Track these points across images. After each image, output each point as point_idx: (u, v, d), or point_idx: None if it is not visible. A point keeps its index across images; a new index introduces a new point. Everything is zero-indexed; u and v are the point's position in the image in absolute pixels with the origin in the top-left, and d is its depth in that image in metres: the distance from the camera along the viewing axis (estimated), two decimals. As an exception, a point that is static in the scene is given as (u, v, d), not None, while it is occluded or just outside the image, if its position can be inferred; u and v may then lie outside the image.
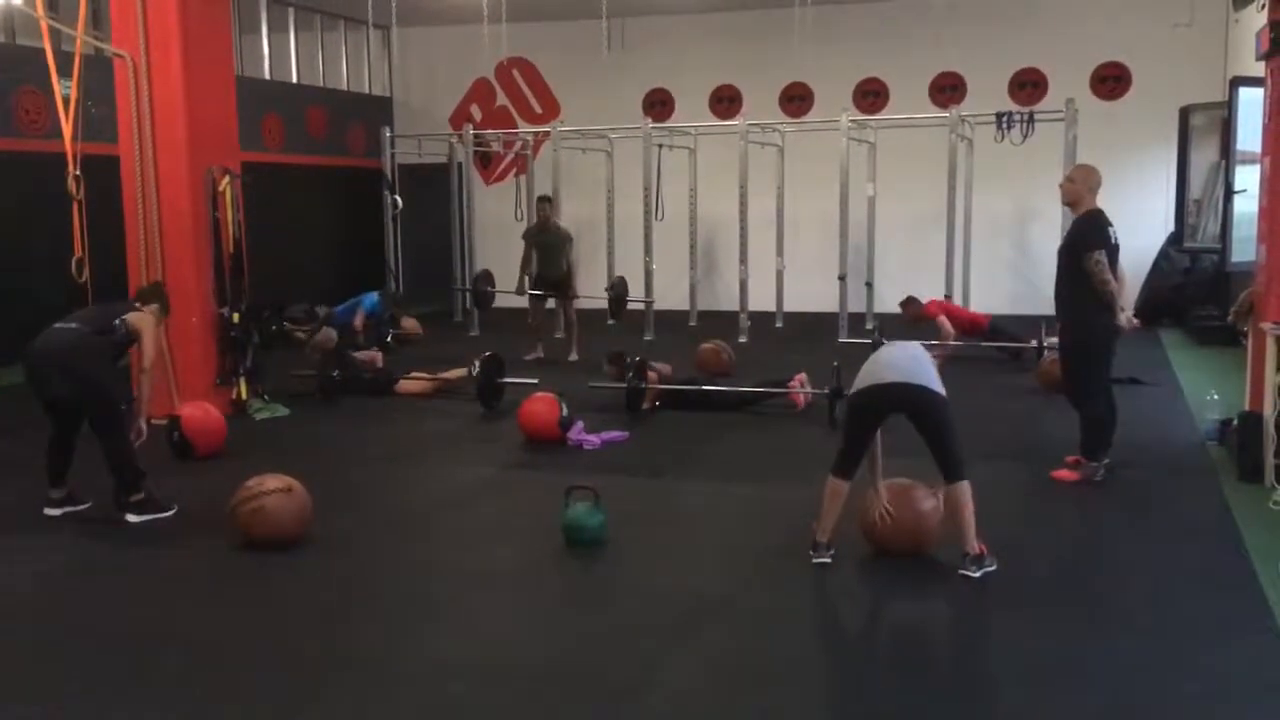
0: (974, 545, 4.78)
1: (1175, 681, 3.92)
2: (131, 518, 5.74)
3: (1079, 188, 6.23)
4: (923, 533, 4.96)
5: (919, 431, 4.88)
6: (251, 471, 5.51)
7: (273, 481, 5.35)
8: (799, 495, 5.85)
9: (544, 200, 11.34)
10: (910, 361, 4.90)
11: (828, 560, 4.93)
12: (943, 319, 10.19)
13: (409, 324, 12.70)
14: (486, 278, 12.36)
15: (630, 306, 12.52)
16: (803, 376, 8.43)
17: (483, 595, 4.84)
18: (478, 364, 8.57)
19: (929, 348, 5.28)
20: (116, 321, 5.88)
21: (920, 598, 4.71)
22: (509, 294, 11.62)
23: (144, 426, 5.92)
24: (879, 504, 4.95)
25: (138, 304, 6.21)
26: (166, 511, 5.82)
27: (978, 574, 4.74)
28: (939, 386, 4.85)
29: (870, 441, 4.95)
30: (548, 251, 10.99)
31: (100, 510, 5.88)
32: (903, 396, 4.81)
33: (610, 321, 12.45)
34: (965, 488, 4.80)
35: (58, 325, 5.89)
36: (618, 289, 12.14)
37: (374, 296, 11.99)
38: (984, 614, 4.59)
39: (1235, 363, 8.51)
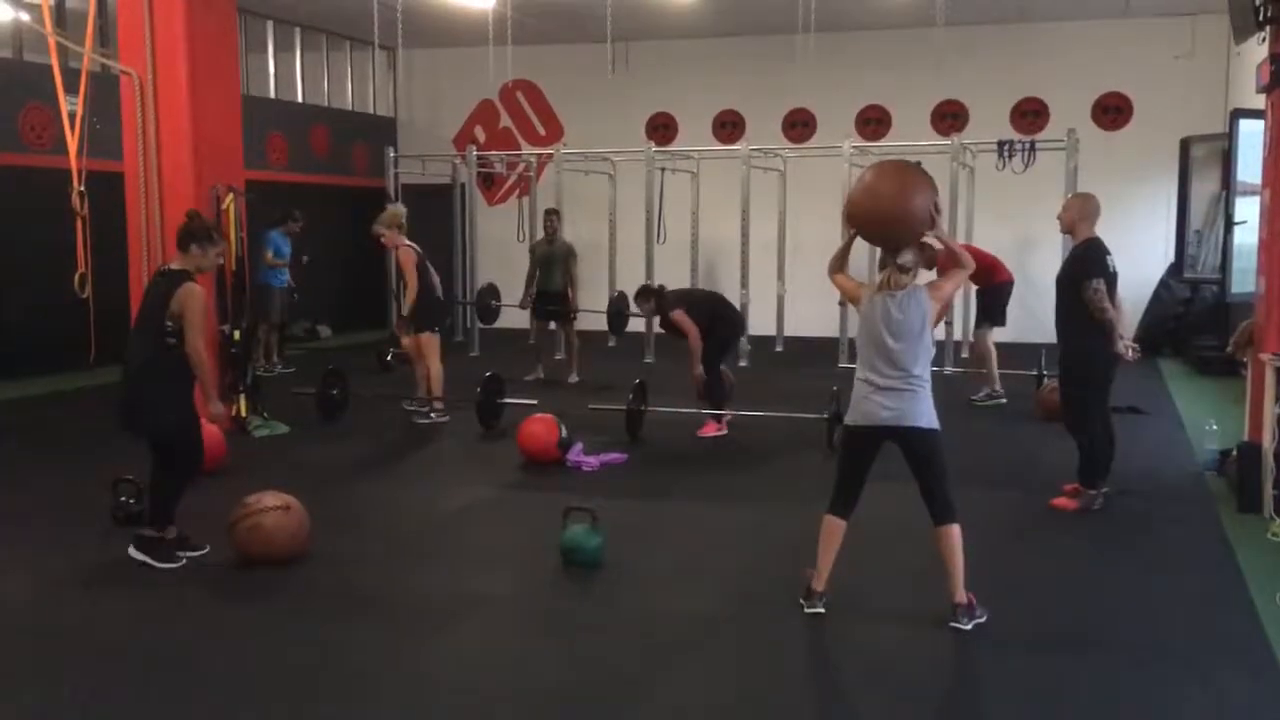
0: (963, 595, 4.57)
1: (1173, 713, 3.91)
2: (132, 551, 5.33)
3: (1072, 215, 6.30)
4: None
5: (909, 465, 4.69)
6: (250, 489, 5.51)
7: (271, 499, 5.35)
8: (797, 519, 5.83)
9: (551, 213, 11.51)
10: (900, 397, 4.57)
11: (820, 610, 4.70)
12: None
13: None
14: (491, 291, 12.39)
15: (632, 323, 12.46)
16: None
17: (479, 615, 4.83)
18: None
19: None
20: (169, 324, 5.23)
21: (915, 625, 4.67)
22: (511, 310, 11.65)
23: (220, 409, 5.50)
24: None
25: (188, 264, 5.38)
26: (170, 564, 5.32)
27: (968, 625, 4.54)
28: (930, 419, 4.62)
29: (865, 478, 4.75)
30: (550, 265, 11.06)
31: (103, 523, 5.87)
32: (893, 434, 4.63)
33: (611, 345, 12.44)
34: (955, 532, 4.57)
35: (132, 341, 5.47)
36: (618, 304, 12.01)
37: (272, 235, 11.71)
38: (981, 642, 4.56)
39: (1235, 393, 8.52)
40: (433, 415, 8.99)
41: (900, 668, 4.27)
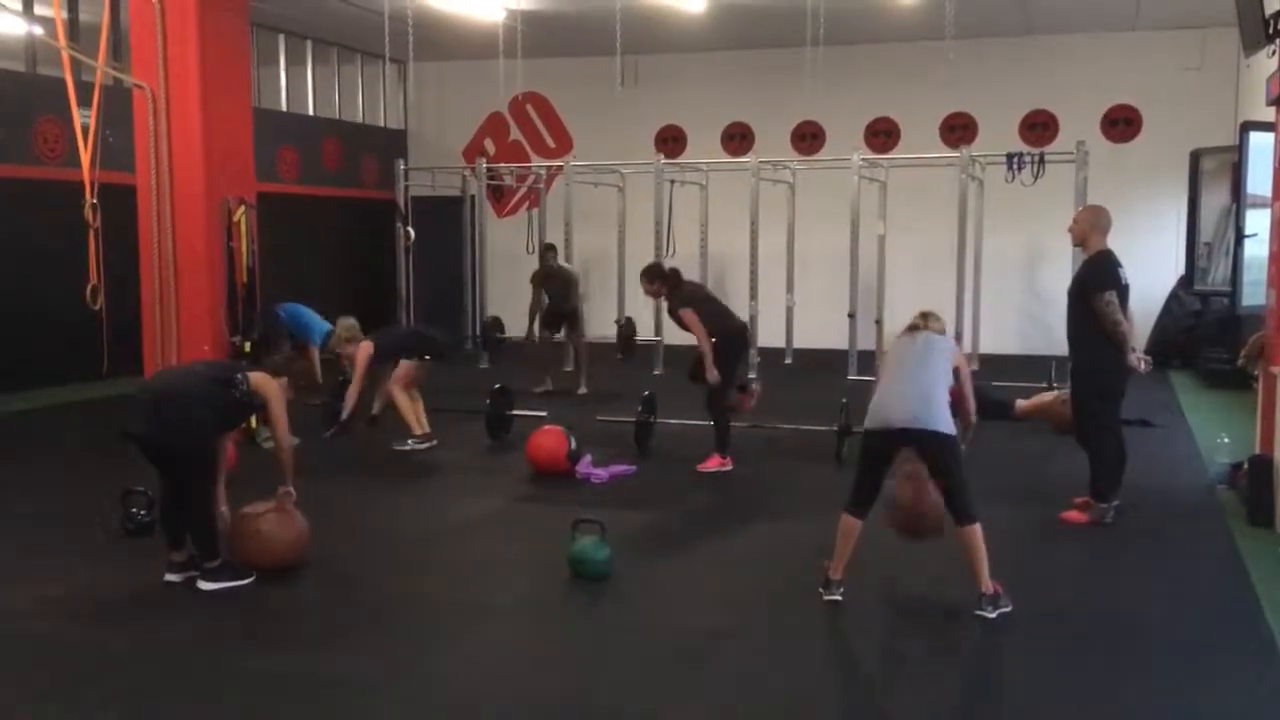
0: (988, 585, 4.79)
1: (1183, 725, 3.90)
2: (203, 584, 5.18)
3: (1083, 228, 6.30)
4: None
5: (928, 468, 4.88)
6: (258, 499, 5.52)
7: (262, 504, 5.39)
8: (805, 531, 5.84)
9: (549, 248, 11.53)
10: (920, 401, 4.84)
11: (838, 598, 4.91)
12: None
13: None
14: (496, 324, 12.43)
15: (641, 337, 12.50)
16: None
17: (486, 627, 4.83)
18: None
19: None
20: (239, 375, 5.36)
21: (928, 635, 4.68)
22: (520, 319, 11.75)
23: (293, 494, 5.48)
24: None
25: (268, 370, 5.63)
26: (243, 579, 5.24)
27: (993, 614, 4.73)
28: (948, 425, 4.84)
29: (883, 480, 4.97)
30: (557, 292, 11.12)
31: (98, 531, 5.88)
32: (910, 439, 4.84)
33: (619, 356, 12.45)
34: (976, 530, 4.80)
35: (176, 367, 5.53)
36: (627, 329, 12.09)
37: (326, 329, 11.62)
38: (992, 654, 4.56)
39: (1245, 406, 8.50)
40: (410, 443, 8.38)
41: (919, 672, 4.26)
